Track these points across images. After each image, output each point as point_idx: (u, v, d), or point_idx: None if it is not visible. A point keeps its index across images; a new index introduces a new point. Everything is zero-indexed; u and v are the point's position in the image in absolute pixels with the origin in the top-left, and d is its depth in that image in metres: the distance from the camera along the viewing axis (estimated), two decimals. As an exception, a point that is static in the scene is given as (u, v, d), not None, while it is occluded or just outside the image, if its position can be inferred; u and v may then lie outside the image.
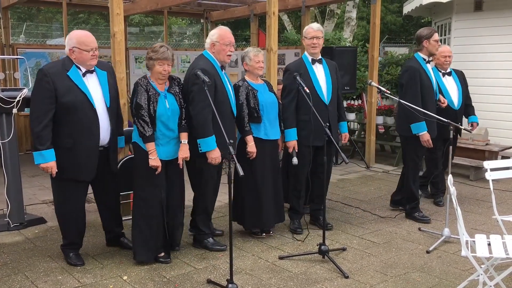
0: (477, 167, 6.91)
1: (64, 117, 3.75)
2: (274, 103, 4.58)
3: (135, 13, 10.04)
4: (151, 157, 3.86)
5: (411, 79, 4.95)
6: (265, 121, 4.49)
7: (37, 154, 3.73)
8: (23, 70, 8.82)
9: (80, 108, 3.76)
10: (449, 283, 3.74)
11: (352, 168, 7.83)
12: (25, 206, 5.12)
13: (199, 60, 4.24)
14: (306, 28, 4.75)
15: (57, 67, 3.81)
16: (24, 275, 3.88)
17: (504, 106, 7.83)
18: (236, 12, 10.37)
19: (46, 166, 3.76)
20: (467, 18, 8.28)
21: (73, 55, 3.81)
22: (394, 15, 20.70)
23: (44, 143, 3.70)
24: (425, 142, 4.96)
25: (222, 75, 4.23)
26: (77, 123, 3.77)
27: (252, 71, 4.51)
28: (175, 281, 3.77)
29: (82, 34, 3.84)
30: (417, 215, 5.16)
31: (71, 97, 3.74)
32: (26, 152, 8.92)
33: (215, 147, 4.05)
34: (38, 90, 3.74)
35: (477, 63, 7.88)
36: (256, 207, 4.51)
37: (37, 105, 3.74)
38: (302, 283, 3.75)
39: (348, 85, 7.74)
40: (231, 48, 4.22)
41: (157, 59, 3.91)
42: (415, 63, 5.02)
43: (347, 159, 4.05)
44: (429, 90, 4.99)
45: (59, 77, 3.74)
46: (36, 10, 20.78)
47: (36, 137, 3.71)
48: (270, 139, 4.54)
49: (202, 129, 4.02)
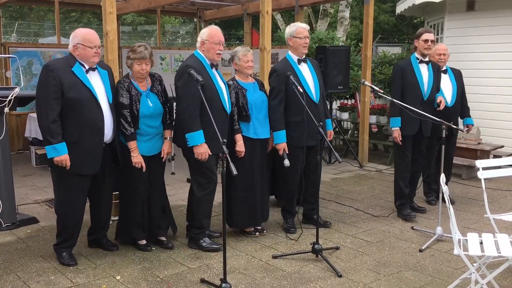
0: (469, 166, 6.95)
1: (70, 112, 3.78)
2: (264, 102, 4.61)
3: (128, 12, 10.01)
4: (133, 155, 4.04)
5: (393, 76, 5.22)
6: (254, 120, 4.53)
7: (50, 148, 3.73)
8: (15, 69, 8.76)
9: (85, 104, 3.80)
10: (442, 281, 3.76)
11: (346, 167, 7.85)
12: (17, 206, 5.10)
13: (188, 59, 4.27)
14: (296, 28, 4.71)
15: (61, 63, 3.85)
16: (16, 275, 3.85)
17: (496, 106, 7.89)
18: (230, 11, 10.36)
19: (60, 159, 3.75)
20: (460, 18, 8.33)
21: (76, 51, 3.85)
22: (387, 14, 20.76)
23: (55, 136, 3.71)
24: (394, 138, 5.14)
25: (211, 73, 4.22)
26: (82, 118, 3.81)
27: (242, 70, 4.55)
28: (169, 281, 3.76)
29: (87, 32, 3.91)
30: (404, 212, 5.22)
31: (77, 92, 3.78)
32: (18, 151, 8.87)
33: (201, 142, 4.07)
34: (44, 86, 3.74)
35: (469, 62, 7.92)
36: (246, 206, 4.54)
37: (44, 100, 3.74)
38: (296, 282, 3.76)
39: (342, 84, 7.76)
40: (220, 47, 4.22)
41: (134, 58, 4.06)
42: (403, 62, 5.25)
43: (340, 158, 4.06)
44: (413, 87, 5.09)
45: (64, 73, 3.77)
46: (28, 9, 20.64)
47: (47, 131, 3.71)
48: (260, 138, 4.56)
49: (188, 123, 4.07)
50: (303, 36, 4.67)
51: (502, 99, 7.82)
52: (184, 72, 4.06)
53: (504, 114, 7.84)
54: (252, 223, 4.67)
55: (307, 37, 4.69)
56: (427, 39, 5.04)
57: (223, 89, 4.30)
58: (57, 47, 9.50)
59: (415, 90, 5.10)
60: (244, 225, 4.67)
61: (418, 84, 5.10)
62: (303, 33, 4.68)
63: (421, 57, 5.13)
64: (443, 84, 5.51)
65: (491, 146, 7.42)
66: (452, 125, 4.58)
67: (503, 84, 7.83)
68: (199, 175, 4.27)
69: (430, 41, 5.03)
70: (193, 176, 4.32)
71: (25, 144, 8.83)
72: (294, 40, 4.71)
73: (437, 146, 5.42)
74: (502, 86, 7.85)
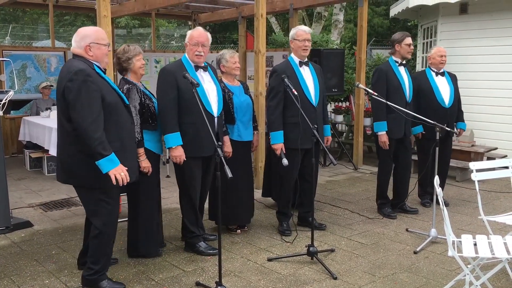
0: (463, 168, 6.99)
1: (109, 117, 3.38)
2: (249, 105, 4.71)
3: (122, 15, 10.00)
4: (141, 159, 3.93)
5: (378, 79, 5.25)
6: (238, 123, 4.61)
7: (106, 161, 3.27)
8: (8, 72, 8.73)
9: (119, 107, 3.49)
10: (436, 283, 3.78)
11: (340, 169, 7.86)
12: (11, 210, 5.07)
13: (171, 63, 4.29)
14: (297, 30, 4.75)
15: (86, 66, 3.38)
16: (10, 279, 3.83)
17: (490, 108, 7.93)
18: (224, 14, 10.37)
19: (118, 172, 3.33)
20: (453, 21, 8.38)
21: (90, 52, 3.45)
22: (381, 17, 20.85)
23: (108, 148, 3.29)
24: (381, 143, 5.20)
25: (194, 75, 4.16)
26: (121, 123, 3.49)
27: (229, 72, 4.63)
28: (164, 284, 3.75)
29: (96, 29, 3.56)
30: (385, 211, 5.42)
31: (112, 96, 3.44)
32: (12, 155, 8.83)
33: (176, 145, 4.06)
34: (85, 92, 3.27)
35: (463, 65, 7.97)
36: (230, 206, 4.66)
37: (89, 108, 3.27)
38: (291, 284, 3.76)
39: (336, 87, 7.78)
40: (198, 48, 4.16)
41: (134, 55, 4.06)
42: (384, 66, 5.32)
43: (335, 160, 4.07)
44: (397, 90, 5.20)
45: (96, 76, 3.39)
46: (22, 12, 20.57)
47: (99, 143, 3.24)
48: (243, 140, 4.67)
49: (163, 125, 4.09)
50: (302, 39, 4.69)
51: (496, 101, 7.87)
52: (161, 75, 4.15)
53: (497, 116, 7.88)
54: (234, 221, 4.82)
55: (306, 40, 4.71)
56: (410, 43, 5.23)
57: (210, 91, 4.22)
58: (51, 50, 9.48)
59: (399, 93, 5.19)
60: (227, 223, 4.81)
61: (402, 87, 5.20)
62: (303, 35, 4.70)
63: (400, 60, 5.26)
64: (441, 86, 5.56)
65: (485, 148, 7.46)
66: (445, 127, 4.60)
67: (497, 86, 7.88)
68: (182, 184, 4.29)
69: (411, 45, 5.26)
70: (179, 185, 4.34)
71: (19, 148, 8.80)
72: (295, 42, 4.74)
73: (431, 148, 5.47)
74: (495, 88, 7.90)
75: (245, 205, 4.82)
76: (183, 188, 4.29)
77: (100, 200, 3.46)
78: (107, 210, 3.49)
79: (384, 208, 5.44)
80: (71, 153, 3.40)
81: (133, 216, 4.14)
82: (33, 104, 8.57)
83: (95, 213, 3.51)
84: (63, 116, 3.38)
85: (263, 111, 6.16)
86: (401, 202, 5.48)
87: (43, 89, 8.67)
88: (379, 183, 5.48)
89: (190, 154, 4.12)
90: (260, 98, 6.23)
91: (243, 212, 4.82)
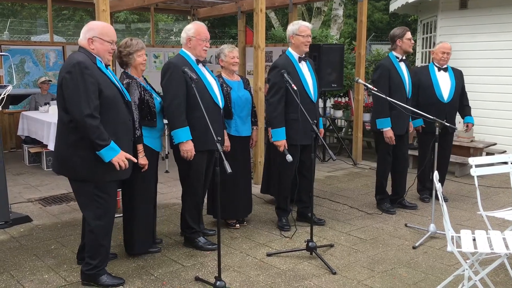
0: (462, 164, 6.99)
1: (106, 112, 3.38)
2: (248, 100, 4.70)
3: (121, 10, 9.96)
4: (140, 156, 3.86)
5: (380, 76, 5.19)
6: (236, 118, 4.61)
7: (107, 150, 3.31)
8: (7, 67, 8.70)
9: (117, 102, 3.47)
10: (435, 278, 3.79)
11: (339, 165, 7.87)
12: (10, 205, 5.07)
13: (173, 58, 4.23)
14: (299, 26, 4.68)
15: (86, 58, 3.37)
16: (9, 274, 3.83)
17: (489, 103, 7.93)
18: (224, 9, 10.33)
19: (121, 159, 3.38)
20: (452, 16, 8.37)
21: (92, 45, 3.44)
22: (381, 12, 20.83)
23: (106, 137, 3.31)
24: (387, 139, 5.17)
25: (198, 69, 4.17)
26: (118, 118, 3.47)
27: (228, 67, 4.63)
28: (163, 279, 3.76)
29: (104, 25, 3.58)
30: (384, 206, 5.42)
31: (110, 90, 3.42)
32: (11, 150, 8.82)
33: (186, 140, 4.03)
34: (82, 84, 3.27)
35: (462, 60, 7.95)
36: (228, 200, 4.68)
37: (86, 100, 3.26)
38: (290, 279, 3.77)
39: (335, 82, 7.77)
40: (207, 44, 4.18)
41: (136, 51, 3.98)
42: (386, 62, 5.26)
43: (334, 156, 4.06)
44: (399, 86, 5.18)
45: (95, 69, 3.36)
46: (20, 6, 20.48)
47: (98, 134, 3.27)
48: (241, 135, 4.67)
49: (172, 120, 4.05)
50: (305, 35, 4.67)
51: (495, 96, 7.87)
52: (167, 70, 4.07)
53: (497, 111, 7.89)
54: (233, 216, 4.85)
55: (309, 36, 4.69)
56: (411, 37, 5.21)
57: (213, 84, 4.26)
58: (49, 45, 9.45)
59: (401, 90, 5.18)
60: (226, 217, 4.83)
61: (403, 84, 5.20)
62: (306, 31, 4.68)
63: (401, 56, 5.23)
64: (442, 81, 5.56)
65: (484, 144, 7.46)
66: (445, 123, 4.60)
67: (496, 82, 7.88)
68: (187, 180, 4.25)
69: (412, 39, 5.24)
70: (184, 182, 4.30)
71: (18, 143, 8.79)
72: (297, 38, 4.69)
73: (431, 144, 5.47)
74: (495, 84, 7.90)
75: (243, 199, 4.84)
76: (187, 184, 4.25)
77: (92, 194, 3.46)
78: (98, 204, 3.48)
79: (383, 204, 5.45)
80: (67, 144, 3.41)
81: (127, 213, 4.08)
82: (32, 99, 8.55)
83: (85, 207, 3.53)
84: (61, 106, 3.42)
85: (262, 106, 6.15)
86: (400, 198, 5.50)
87: (42, 84, 8.65)
88: (378, 179, 5.48)
89: (199, 148, 4.11)
90: (259, 93, 6.22)
91: (241, 206, 4.84)
